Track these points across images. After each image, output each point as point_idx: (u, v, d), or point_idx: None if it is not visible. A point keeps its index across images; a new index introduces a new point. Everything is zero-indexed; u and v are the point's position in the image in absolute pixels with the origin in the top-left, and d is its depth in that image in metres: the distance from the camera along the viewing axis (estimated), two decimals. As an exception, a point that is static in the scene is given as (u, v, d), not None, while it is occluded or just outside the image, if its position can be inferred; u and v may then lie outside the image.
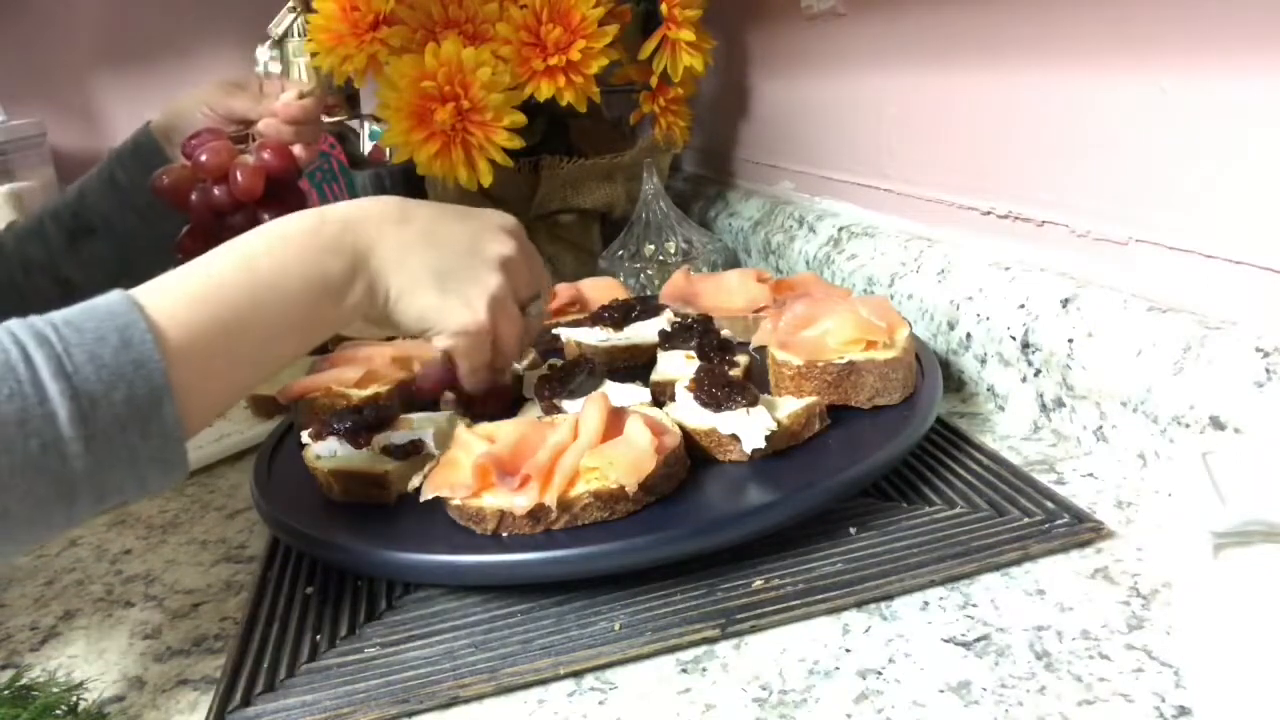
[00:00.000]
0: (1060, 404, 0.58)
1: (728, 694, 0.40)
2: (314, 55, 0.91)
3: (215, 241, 0.46)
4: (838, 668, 0.40)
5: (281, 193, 0.65)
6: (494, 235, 0.53)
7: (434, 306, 0.50)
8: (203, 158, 0.63)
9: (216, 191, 0.64)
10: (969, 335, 0.66)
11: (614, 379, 0.62)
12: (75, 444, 0.35)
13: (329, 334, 0.48)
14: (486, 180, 0.87)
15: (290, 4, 1.02)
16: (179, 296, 0.40)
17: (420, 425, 0.58)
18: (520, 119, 0.86)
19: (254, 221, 0.62)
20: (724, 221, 1.13)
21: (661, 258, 0.97)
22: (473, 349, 0.53)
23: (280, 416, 0.75)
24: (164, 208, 0.67)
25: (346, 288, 0.46)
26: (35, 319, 0.37)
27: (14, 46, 1.45)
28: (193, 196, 0.65)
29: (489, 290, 0.51)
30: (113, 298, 0.39)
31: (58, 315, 0.37)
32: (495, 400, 0.61)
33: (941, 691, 0.38)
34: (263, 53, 1.05)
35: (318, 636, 0.47)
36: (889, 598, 0.45)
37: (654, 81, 0.96)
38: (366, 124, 1.10)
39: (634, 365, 0.71)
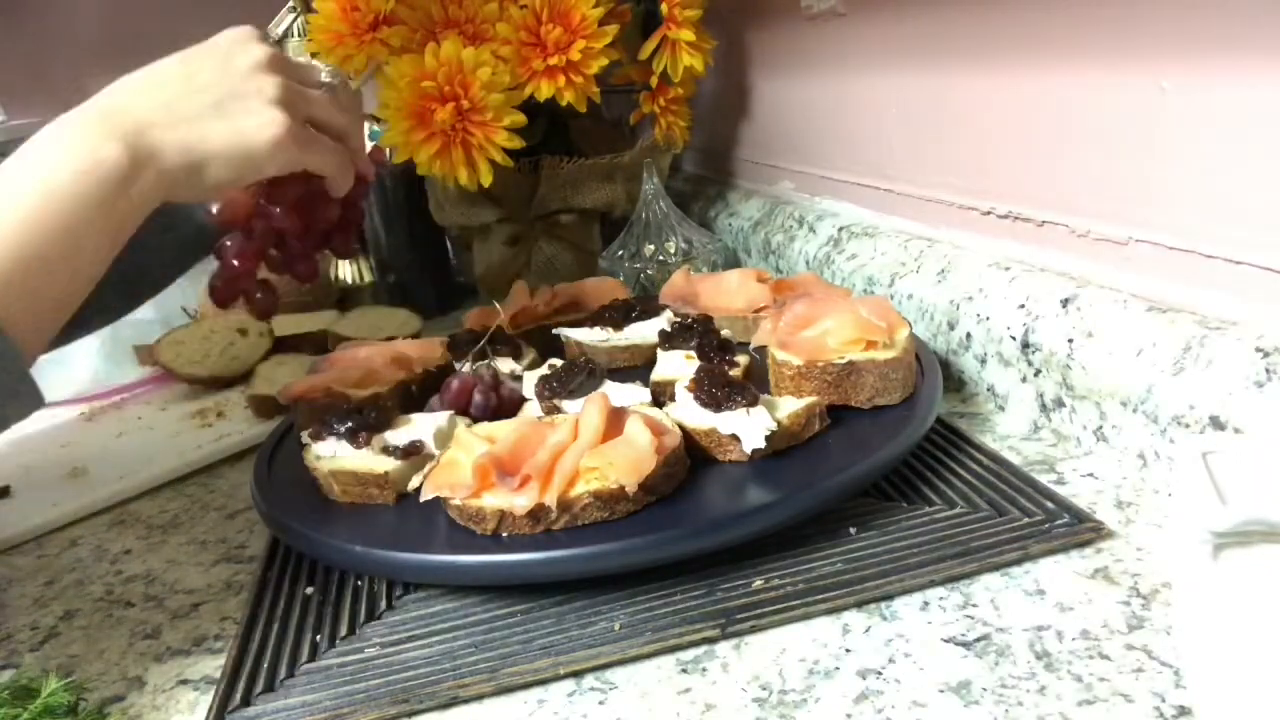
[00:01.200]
0: (1060, 404, 0.58)
1: (728, 694, 0.40)
2: (314, 55, 0.91)
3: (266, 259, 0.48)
4: (838, 668, 0.40)
5: (353, 214, 0.62)
6: (240, 47, 0.50)
7: (230, 140, 0.46)
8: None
9: (279, 213, 0.59)
10: (969, 335, 0.66)
11: (614, 379, 0.62)
12: None
13: (137, 221, 0.45)
14: (486, 180, 0.87)
15: (290, 4, 1.02)
16: None
17: (420, 425, 0.58)
18: (520, 119, 0.86)
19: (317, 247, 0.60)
20: (724, 221, 1.13)
21: (661, 258, 0.97)
22: (305, 153, 0.50)
23: (280, 416, 0.75)
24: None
25: (134, 173, 0.44)
26: None
27: (14, 46, 1.44)
28: (254, 222, 0.59)
29: (271, 93, 0.48)
30: None
31: None
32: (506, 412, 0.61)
33: (941, 691, 0.38)
34: (263, 53, 1.05)
35: (318, 636, 0.47)
36: (889, 598, 0.45)
37: (654, 81, 0.96)
38: (366, 124, 1.10)
39: (634, 365, 0.72)
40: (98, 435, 0.82)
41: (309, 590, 0.51)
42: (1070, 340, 0.57)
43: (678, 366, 0.63)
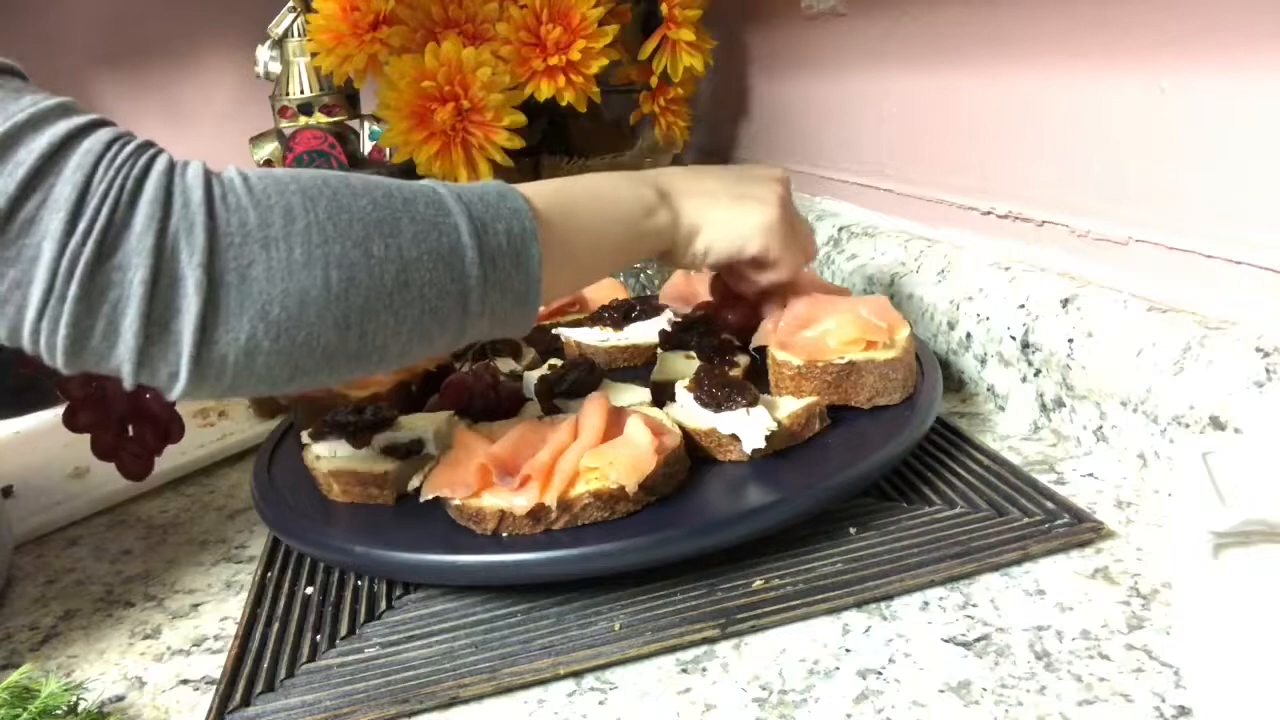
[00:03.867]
0: (1060, 404, 0.58)
1: (728, 694, 0.40)
2: (314, 55, 0.91)
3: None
4: (838, 668, 0.40)
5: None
6: (769, 176, 0.61)
7: (733, 216, 0.57)
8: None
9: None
10: (969, 335, 0.66)
11: (614, 379, 0.62)
12: (471, 251, 0.43)
13: (641, 247, 0.56)
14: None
15: (290, 4, 1.02)
16: (539, 189, 0.49)
17: (420, 425, 0.58)
18: (520, 119, 0.86)
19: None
20: (724, 221, 1.12)
21: (661, 257, 0.97)
22: (780, 241, 0.58)
23: (282, 416, 0.75)
24: None
25: (656, 209, 0.55)
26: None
27: (13, 46, 1.44)
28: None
29: (775, 191, 0.59)
30: (486, 182, 0.48)
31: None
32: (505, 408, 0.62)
33: (941, 691, 0.38)
34: (263, 53, 1.05)
35: (318, 636, 0.47)
36: (889, 598, 0.45)
37: (654, 81, 0.96)
38: (366, 124, 1.10)
39: (634, 365, 0.72)
40: (99, 435, 0.82)
41: (309, 590, 0.51)
42: (1070, 340, 0.57)
43: (678, 366, 0.63)
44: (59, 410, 0.60)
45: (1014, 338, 0.61)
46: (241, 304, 0.37)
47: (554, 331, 0.76)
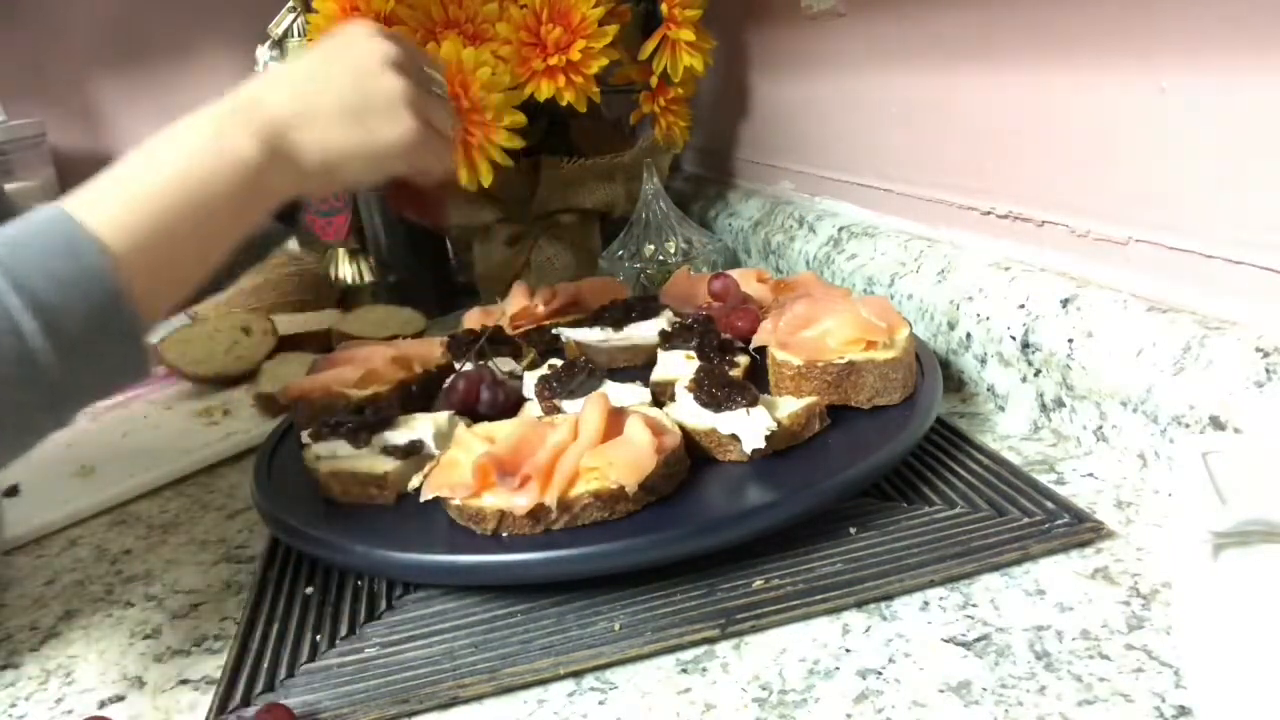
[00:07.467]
0: (1060, 404, 0.58)
1: (728, 694, 0.40)
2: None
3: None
4: (838, 668, 0.40)
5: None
6: (367, 46, 0.51)
7: (365, 142, 0.49)
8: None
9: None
10: (969, 335, 0.66)
11: (614, 379, 0.62)
12: (47, 354, 0.38)
13: (266, 209, 0.48)
14: (486, 180, 0.87)
15: (290, 4, 1.02)
16: (113, 214, 0.41)
17: (420, 425, 0.58)
18: (520, 119, 0.86)
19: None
20: (724, 221, 1.13)
21: (661, 258, 0.97)
22: (423, 153, 0.52)
23: (282, 416, 0.75)
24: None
25: (264, 168, 0.46)
26: None
27: (13, 46, 1.44)
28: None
29: (399, 97, 0.50)
30: (51, 212, 0.41)
31: (2, 234, 0.39)
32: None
33: (941, 691, 0.38)
34: (263, 53, 1.05)
35: (318, 636, 0.47)
36: (889, 598, 0.45)
37: (654, 81, 0.96)
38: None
39: (634, 365, 0.72)
40: (103, 434, 0.82)
41: (309, 590, 0.51)
42: (1070, 340, 0.57)
43: (678, 366, 0.63)
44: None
45: (1014, 338, 0.61)
46: None
47: (554, 331, 0.76)
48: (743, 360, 0.63)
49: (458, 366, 0.68)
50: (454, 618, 0.47)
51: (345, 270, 1.12)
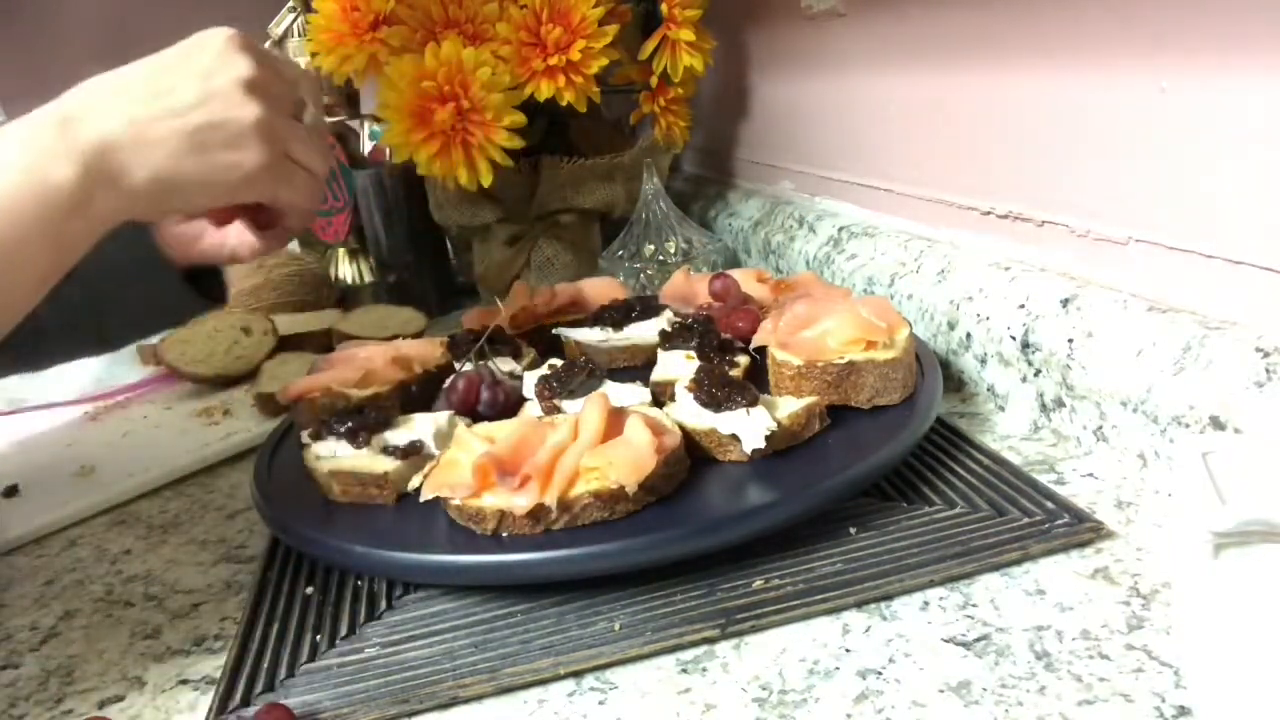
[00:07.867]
0: (1060, 404, 0.58)
1: (728, 694, 0.40)
2: (314, 55, 0.91)
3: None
4: (838, 668, 0.40)
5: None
6: (222, 60, 0.45)
7: (204, 173, 0.44)
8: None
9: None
10: (969, 335, 0.66)
11: (614, 379, 0.62)
12: None
13: (89, 243, 0.43)
14: (486, 180, 0.87)
15: (290, 4, 1.02)
16: None
17: (420, 425, 0.58)
18: (520, 119, 0.86)
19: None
20: (724, 221, 1.13)
21: (661, 258, 0.97)
22: (276, 187, 0.47)
23: (282, 415, 0.75)
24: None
25: (89, 194, 0.41)
26: None
27: (13, 46, 1.44)
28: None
29: (250, 125, 0.44)
30: None
31: None
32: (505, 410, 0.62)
33: (941, 691, 0.38)
34: (263, 53, 1.05)
35: (318, 636, 0.47)
36: (889, 598, 0.45)
37: (654, 81, 0.96)
38: (366, 124, 1.10)
39: (634, 365, 0.72)
40: (104, 435, 0.82)
41: (309, 590, 0.51)
42: (1070, 340, 0.57)
43: (678, 366, 0.63)
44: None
45: (1014, 338, 0.61)
46: None
47: (554, 331, 0.76)
48: (743, 360, 0.63)
49: (458, 366, 0.68)
50: (454, 618, 0.47)
51: (345, 270, 1.12)
